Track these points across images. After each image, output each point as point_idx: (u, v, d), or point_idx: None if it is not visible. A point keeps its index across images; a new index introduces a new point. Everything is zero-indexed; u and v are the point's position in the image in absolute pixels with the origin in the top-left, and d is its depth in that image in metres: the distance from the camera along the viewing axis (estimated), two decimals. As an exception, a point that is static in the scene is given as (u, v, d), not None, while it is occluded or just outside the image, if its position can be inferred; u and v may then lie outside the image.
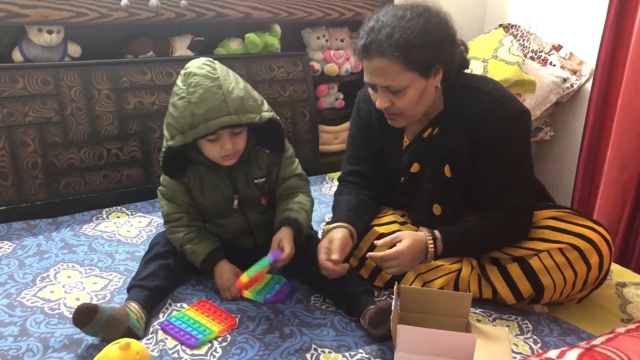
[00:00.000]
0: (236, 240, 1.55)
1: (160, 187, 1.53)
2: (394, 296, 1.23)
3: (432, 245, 1.36)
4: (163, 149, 1.40)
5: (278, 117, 1.43)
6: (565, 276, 1.37)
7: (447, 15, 1.35)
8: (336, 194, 1.59)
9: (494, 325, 1.37)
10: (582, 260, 1.37)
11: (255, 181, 1.49)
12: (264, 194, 1.51)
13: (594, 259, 1.37)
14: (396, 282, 1.29)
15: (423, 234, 1.38)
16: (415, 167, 1.51)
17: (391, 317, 1.19)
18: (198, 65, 1.35)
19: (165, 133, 1.39)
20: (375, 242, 1.39)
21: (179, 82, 1.37)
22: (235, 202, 1.48)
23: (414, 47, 1.27)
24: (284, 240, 1.37)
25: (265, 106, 1.41)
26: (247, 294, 1.40)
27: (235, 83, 1.35)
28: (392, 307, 1.20)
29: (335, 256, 1.34)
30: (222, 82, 1.33)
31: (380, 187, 1.58)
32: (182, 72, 1.37)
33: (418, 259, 1.36)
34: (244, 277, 1.35)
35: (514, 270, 1.41)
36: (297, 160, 1.56)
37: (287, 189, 1.51)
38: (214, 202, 1.49)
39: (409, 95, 1.33)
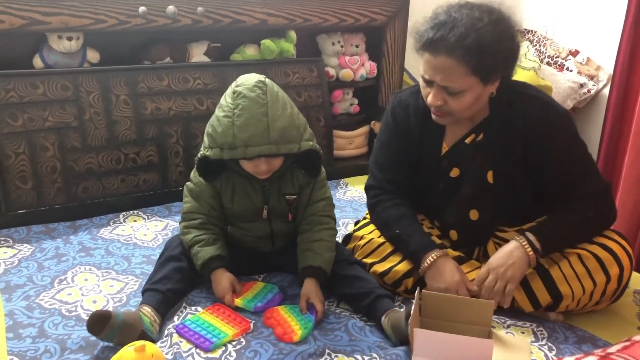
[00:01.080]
0: (255, 244, 1.56)
1: (188, 183, 1.54)
2: (414, 301, 1.23)
3: (525, 243, 1.36)
4: (199, 155, 1.42)
5: (317, 146, 1.42)
6: (584, 286, 1.36)
7: (517, 24, 1.33)
8: (381, 205, 1.54)
9: (509, 333, 1.36)
10: (602, 270, 1.36)
11: (287, 197, 1.50)
12: (292, 210, 1.52)
13: (613, 270, 1.36)
14: (418, 287, 1.28)
15: (513, 241, 1.39)
16: (455, 172, 1.49)
17: (409, 322, 1.19)
18: (249, 86, 1.34)
19: (205, 139, 1.40)
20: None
21: (228, 97, 1.36)
22: (265, 212, 1.50)
23: (486, 54, 1.25)
24: (312, 298, 1.38)
25: (307, 134, 1.40)
26: (237, 302, 1.40)
27: (281, 110, 1.34)
28: (412, 312, 1.19)
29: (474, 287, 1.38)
30: (269, 108, 1.32)
31: (412, 194, 1.56)
32: (234, 86, 1.36)
33: (519, 264, 1.35)
34: (238, 302, 1.40)
35: (533, 279, 1.39)
36: (327, 183, 1.57)
37: (314, 214, 1.51)
38: (243, 210, 1.50)
39: (466, 98, 1.32)
